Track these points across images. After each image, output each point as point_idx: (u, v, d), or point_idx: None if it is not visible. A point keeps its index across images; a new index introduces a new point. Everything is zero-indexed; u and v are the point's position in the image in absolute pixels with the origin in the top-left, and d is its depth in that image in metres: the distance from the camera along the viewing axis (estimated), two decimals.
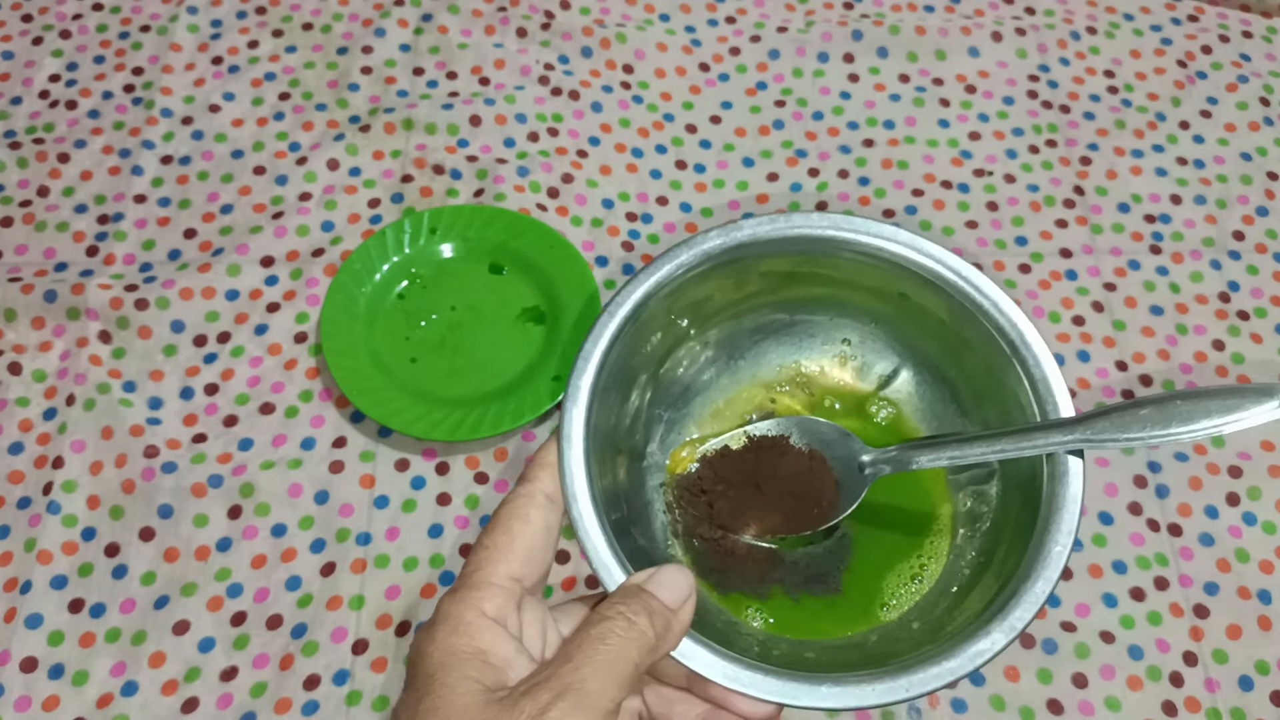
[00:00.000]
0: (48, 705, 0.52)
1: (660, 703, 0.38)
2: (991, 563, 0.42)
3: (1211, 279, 0.66)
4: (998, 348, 0.43)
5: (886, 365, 0.49)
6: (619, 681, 0.32)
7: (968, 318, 0.43)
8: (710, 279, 0.45)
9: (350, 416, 0.60)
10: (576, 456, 0.39)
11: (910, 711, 0.53)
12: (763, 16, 0.76)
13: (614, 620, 0.33)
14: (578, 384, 0.40)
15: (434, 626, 0.34)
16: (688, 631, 0.36)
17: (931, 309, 0.45)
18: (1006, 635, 0.37)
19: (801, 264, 0.46)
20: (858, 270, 0.45)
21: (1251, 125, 0.72)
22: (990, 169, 0.70)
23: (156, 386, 0.61)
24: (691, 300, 0.46)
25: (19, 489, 0.57)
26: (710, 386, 0.49)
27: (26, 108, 0.71)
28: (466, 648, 0.33)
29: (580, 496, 0.38)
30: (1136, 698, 0.53)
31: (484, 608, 0.34)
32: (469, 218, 0.64)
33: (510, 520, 0.36)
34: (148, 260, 0.65)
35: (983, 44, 0.74)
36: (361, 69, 0.72)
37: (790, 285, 0.47)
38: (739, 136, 0.71)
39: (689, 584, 0.36)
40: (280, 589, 0.55)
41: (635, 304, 0.42)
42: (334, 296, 0.61)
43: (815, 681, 0.36)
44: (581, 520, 0.38)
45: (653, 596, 0.35)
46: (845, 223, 0.44)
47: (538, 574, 0.36)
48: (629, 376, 0.45)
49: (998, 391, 0.44)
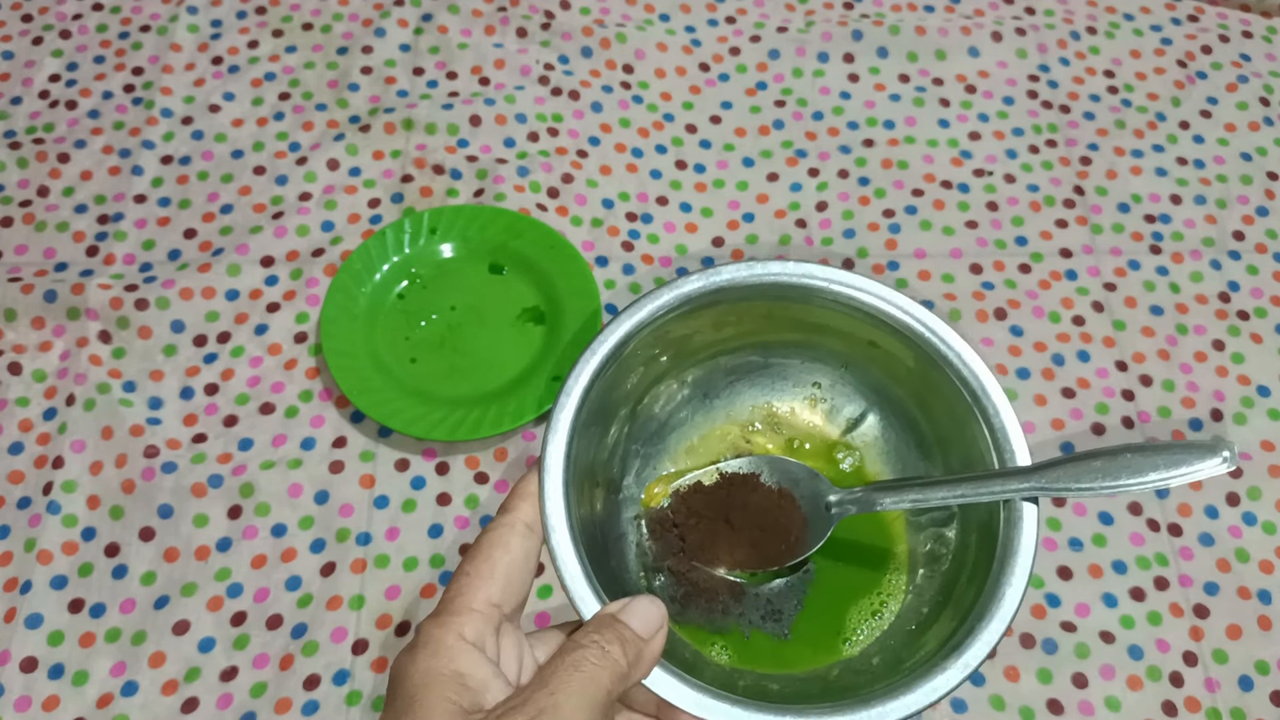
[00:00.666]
0: (48, 705, 0.52)
1: None
2: (949, 601, 0.44)
3: (1211, 279, 0.66)
4: (960, 397, 0.45)
5: (855, 409, 0.51)
6: (591, 707, 0.34)
7: (933, 367, 0.46)
8: (689, 320, 0.47)
9: (350, 416, 0.60)
10: (555, 488, 0.40)
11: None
12: (763, 16, 0.76)
13: (588, 648, 0.35)
14: (559, 418, 0.42)
15: (415, 649, 0.35)
16: (658, 661, 0.37)
17: (899, 357, 0.47)
18: (961, 672, 0.39)
19: (776, 309, 0.48)
20: (830, 317, 0.47)
21: (1251, 125, 0.72)
22: (990, 169, 0.70)
23: (156, 386, 0.61)
24: (671, 340, 0.48)
25: (19, 489, 0.57)
26: (685, 424, 0.51)
27: (26, 108, 0.71)
28: (445, 670, 0.34)
29: (558, 527, 0.39)
30: (1136, 698, 0.53)
31: (463, 632, 0.35)
32: (469, 218, 0.64)
33: (491, 548, 0.37)
34: (148, 260, 0.65)
35: (983, 44, 0.74)
36: (361, 69, 0.72)
37: (765, 329, 0.49)
38: (739, 136, 0.71)
39: (661, 615, 0.37)
40: (280, 589, 0.55)
41: (617, 342, 0.44)
42: (334, 296, 0.61)
43: (779, 713, 0.38)
44: (559, 550, 0.39)
45: (625, 626, 0.36)
46: (820, 272, 0.46)
47: (516, 600, 0.37)
48: (609, 412, 0.46)
49: (960, 437, 0.46)
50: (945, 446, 0.47)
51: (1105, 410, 0.61)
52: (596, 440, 0.45)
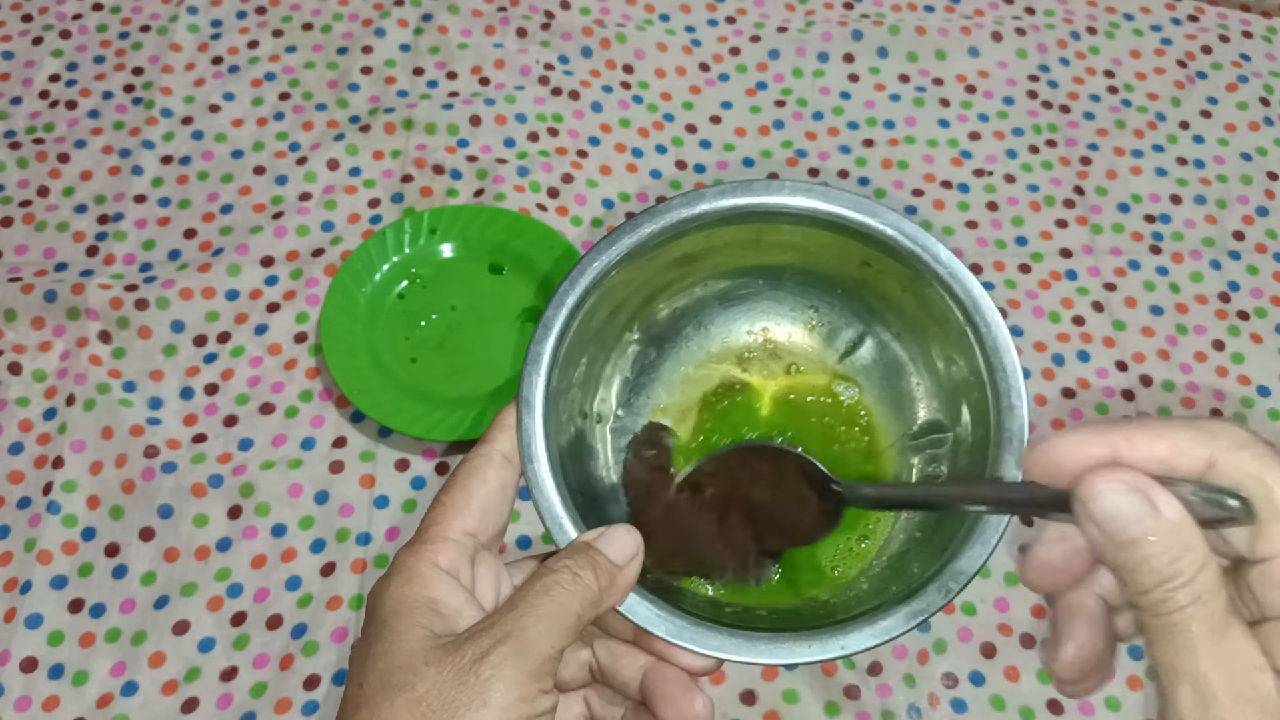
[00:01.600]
0: (48, 705, 0.52)
1: (608, 655, 0.39)
2: (937, 527, 0.43)
3: (1211, 279, 0.66)
4: (954, 313, 0.44)
5: (852, 332, 0.50)
6: (560, 630, 0.34)
7: (926, 284, 0.45)
8: (674, 249, 0.46)
9: (350, 416, 0.60)
10: (535, 419, 0.40)
11: (910, 711, 0.53)
12: (763, 16, 0.76)
13: (560, 573, 0.35)
14: (538, 350, 0.42)
15: (389, 576, 0.36)
16: (633, 588, 0.38)
17: (893, 276, 0.46)
18: (942, 596, 0.38)
19: (765, 231, 0.47)
20: (821, 237, 0.46)
21: (1251, 125, 0.72)
22: (990, 169, 0.70)
23: (156, 386, 0.61)
24: (655, 270, 0.47)
25: (19, 489, 0.57)
26: (679, 351, 0.50)
27: (26, 108, 0.71)
28: (418, 597, 0.34)
29: (538, 457, 0.40)
30: (1136, 698, 0.53)
31: (437, 560, 0.36)
32: (469, 218, 0.64)
33: (467, 479, 0.38)
34: (148, 260, 0.65)
35: (983, 44, 0.74)
36: (361, 69, 0.72)
37: (755, 254, 0.48)
38: (739, 136, 0.71)
39: (636, 543, 0.38)
40: (280, 589, 0.55)
41: (597, 273, 0.43)
42: (334, 296, 0.61)
43: (752, 638, 0.38)
44: (537, 480, 0.39)
45: (599, 553, 0.37)
46: (805, 190, 0.45)
47: (493, 530, 0.38)
48: (594, 342, 0.46)
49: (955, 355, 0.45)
50: (941, 368, 0.47)
51: (1105, 410, 0.61)
52: (581, 371, 0.45)
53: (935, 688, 0.53)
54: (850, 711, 0.53)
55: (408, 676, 0.32)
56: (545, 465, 0.40)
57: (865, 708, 0.53)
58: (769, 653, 0.38)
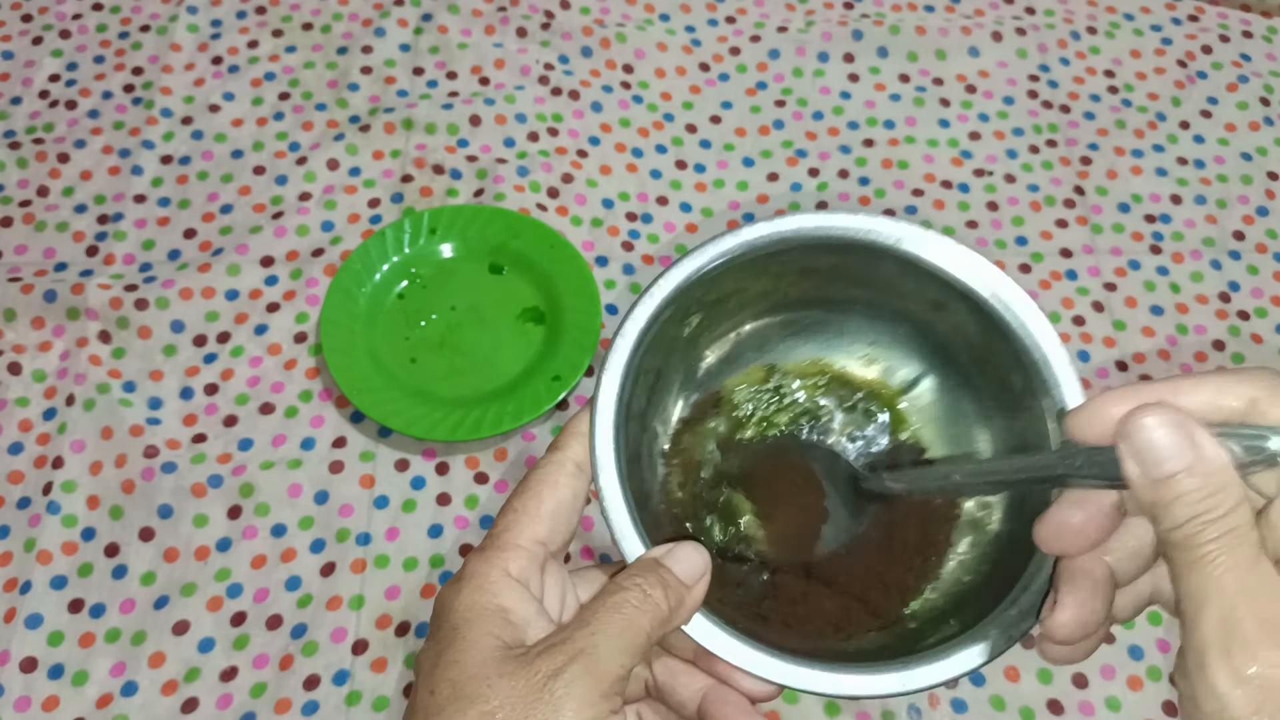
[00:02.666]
0: (48, 705, 0.52)
1: (666, 673, 0.39)
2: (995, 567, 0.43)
3: (1211, 279, 0.66)
4: (1021, 368, 0.43)
5: (911, 370, 0.49)
6: (631, 650, 0.34)
7: (997, 335, 0.44)
8: (748, 270, 0.45)
9: (350, 416, 0.60)
10: (606, 428, 0.40)
11: (911, 711, 0.53)
12: (763, 16, 0.76)
13: (630, 591, 0.35)
14: (613, 358, 0.41)
15: (460, 582, 0.35)
16: (699, 608, 0.37)
17: (963, 320, 0.45)
18: (1005, 641, 0.38)
19: (841, 263, 0.46)
20: (894, 273, 0.45)
21: (1251, 125, 0.72)
22: (990, 169, 0.70)
23: (156, 386, 0.61)
24: (728, 289, 0.46)
25: (19, 489, 0.57)
26: (738, 375, 0.49)
27: (26, 108, 0.71)
28: (489, 605, 0.34)
29: (607, 467, 0.39)
30: (1136, 698, 0.53)
31: (509, 568, 0.35)
32: (469, 218, 0.64)
33: (540, 486, 0.37)
34: (148, 260, 0.65)
35: (983, 44, 0.74)
36: (361, 69, 0.72)
37: (826, 284, 0.48)
38: (739, 136, 0.71)
39: (704, 562, 0.37)
40: (280, 589, 0.55)
41: (676, 287, 0.43)
42: (334, 296, 0.61)
43: (818, 667, 0.37)
44: (606, 491, 0.39)
45: (668, 570, 0.36)
46: (887, 225, 0.44)
47: (562, 539, 0.37)
48: (662, 356, 0.45)
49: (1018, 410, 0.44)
50: (1003, 416, 0.46)
51: None
52: (648, 384, 0.45)
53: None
54: (850, 711, 0.53)
55: (480, 688, 0.32)
56: (614, 477, 0.39)
57: (865, 708, 0.53)
58: (833, 683, 0.37)
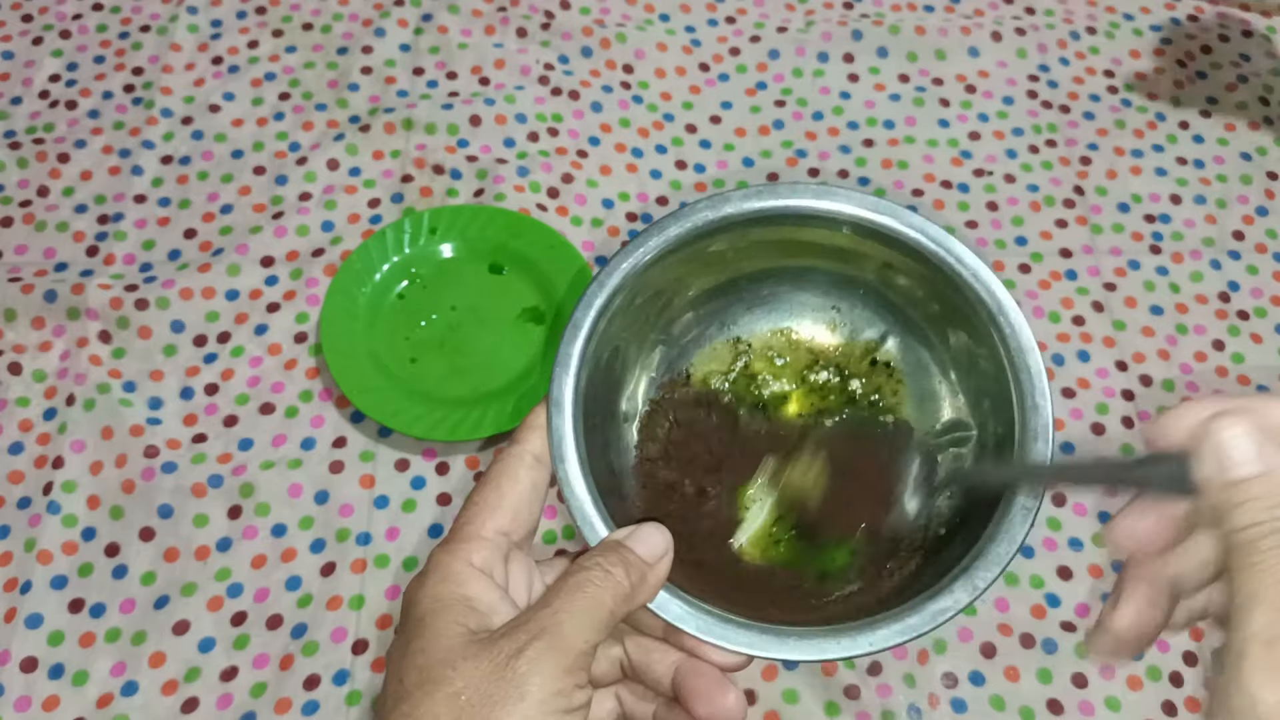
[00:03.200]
0: (48, 705, 0.52)
1: (639, 651, 0.40)
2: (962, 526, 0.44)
3: (1211, 279, 0.66)
4: (977, 316, 0.45)
5: (874, 331, 0.50)
6: (594, 625, 0.35)
7: (949, 287, 0.45)
8: (699, 251, 0.46)
9: (350, 416, 0.60)
10: (565, 420, 0.41)
11: (910, 711, 0.53)
12: (763, 16, 0.76)
13: (591, 570, 0.36)
14: (567, 350, 0.42)
15: (425, 575, 0.36)
16: (663, 585, 0.38)
17: (915, 278, 0.47)
18: (969, 593, 0.39)
19: (789, 235, 0.47)
20: (845, 240, 0.47)
21: (1251, 125, 0.72)
22: (990, 169, 0.70)
23: (156, 386, 0.61)
24: (681, 271, 0.47)
25: (19, 489, 0.57)
26: (703, 351, 0.51)
27: (26, 108, 0.71)
28: (454, 595, 0.35)
29: (568, 457, 0.40)
30: (1136, 698, 0.53)
31: (471, 559, 0.36)
32: (469, 218, 0.64)
33: (500, 478, 0.39)
34: (148, 260, 0.65)
35: (983, 44, 0.74)
36: (361, 69, 0.72)
37: (779, 255, 0.49)
38: (739, 136, 0.71)
39: (666, 541, 0.38)
40: (280, 589, 0.55)
41: (624, 274, 0.44)
42: (334, 296, 0.61)
43: (782, 635, 0.38)
44: (568, 479, 0.40)
45: (630, 551, 0.37)
46: (828, 193, 0.46)
47: (525, 529, 0.39)
48: (620, 342, 0.46)
49: (978, 358, 0.46)
50: (964, 368, 0.48)
51: (1105, 410, 0.61)
52: (605, 371, 0.46)
53: (935, 688, 0.53)
54: (850, 711, 0.53)
55: (446, 672, 0.33)
56: (575, 465, 0.40)
57: (865, 707, 0.53)
58: (798, 649, 0.38)
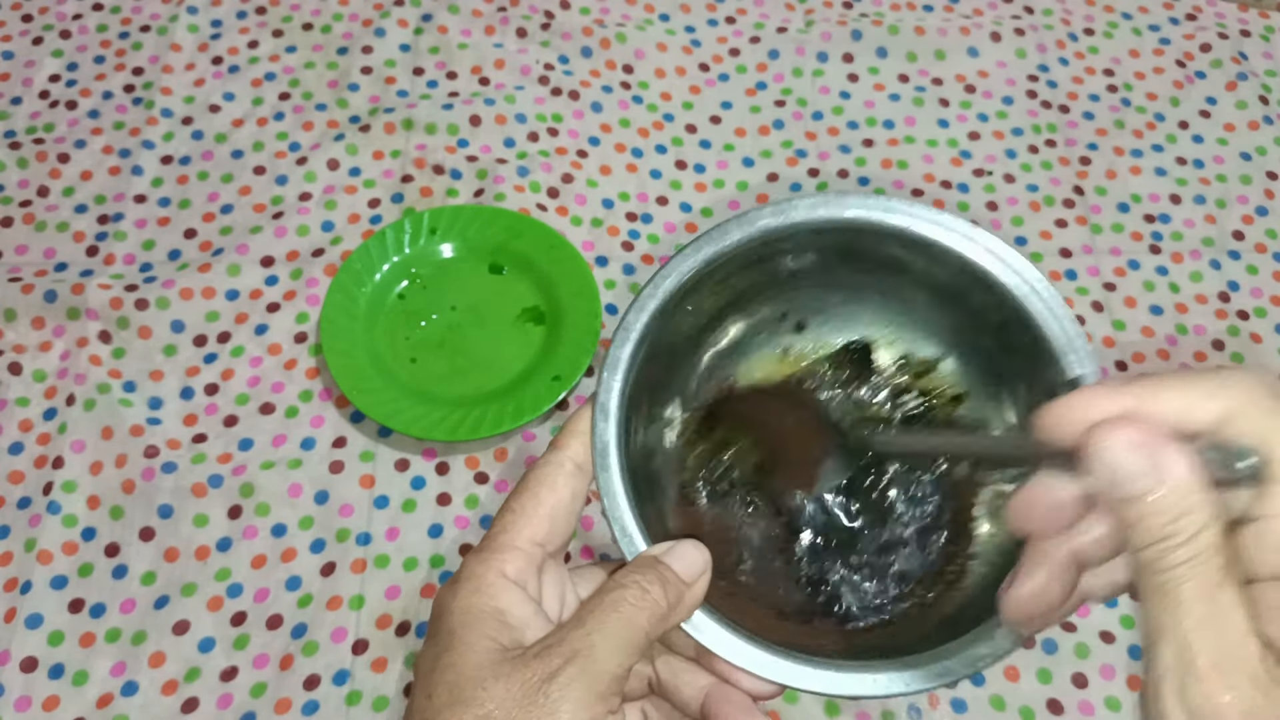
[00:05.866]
0: (48, 705, 0.52)
1: (669, 671, 0.39)
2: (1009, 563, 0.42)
3: (1211, 279, 0.66)
4: (1042, 348, 0.42)
5: (931, 351, 0.48)
6: (628, 649, 0.33)
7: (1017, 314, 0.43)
8: (757, 258, 0.44)
9: (350, 416, 0.60)
10: (610, 426, 0.39)
11: (910, 711, 0.53)
12: (763, 16, 0.76)
13: (628, 589, 0.34)
14: (617, 354, 0.40)
15: (457, 584, 0.35)
16: (700, 605, 0.37)
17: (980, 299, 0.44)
18: (1011, 642, 0.37)
19: (851, 248, 0.45)
20: (909, 255, 0.45)
21: (1251, 124, 0.72)
22: (990, 169, 0.70)
23: (156, 386, 0.61)
24: (737, 279, 0.45)
25: (19, 489, 0.57)
26: (751, 364, 0.49)
27: (26, 108, 0.71)
28: (486, 607, 0.34)
29: (610, 466, 0.39)
30: (1136, 698, 0.53)
31: (505, 569, 0.35)
32: (469, 218, 0.64)
33: (538, 486, 0.37)
34: (148, 260, 0.65)
35: (982, 44, 0.74)
36: (361, 69, 0.72)
37: (839, 266, 0.47)
38: (739, 136, 0.71)
39: (704, 560, 0.37)
40: (280, 589, 0.55)
41: (681, 278, 0.42)
42: (334, 296, 0.61)
43: (819, 666, 0.37)
44: (609, 489, 0.38)
45: (668, 568, 0.36)
46: (900, 206, 0.43)
47: (561, 539, 0.37)
48: (669, 349, 0.45)
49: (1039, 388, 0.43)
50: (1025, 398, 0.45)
51: None
52: (654, 378, 0.44)
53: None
54: (850, 711, 0.53)
55: (476, 692, 0.32)
56: (617, 474, 0.39)
57: (865, 708, 0.53)
58: (834, 683, 0.37)
